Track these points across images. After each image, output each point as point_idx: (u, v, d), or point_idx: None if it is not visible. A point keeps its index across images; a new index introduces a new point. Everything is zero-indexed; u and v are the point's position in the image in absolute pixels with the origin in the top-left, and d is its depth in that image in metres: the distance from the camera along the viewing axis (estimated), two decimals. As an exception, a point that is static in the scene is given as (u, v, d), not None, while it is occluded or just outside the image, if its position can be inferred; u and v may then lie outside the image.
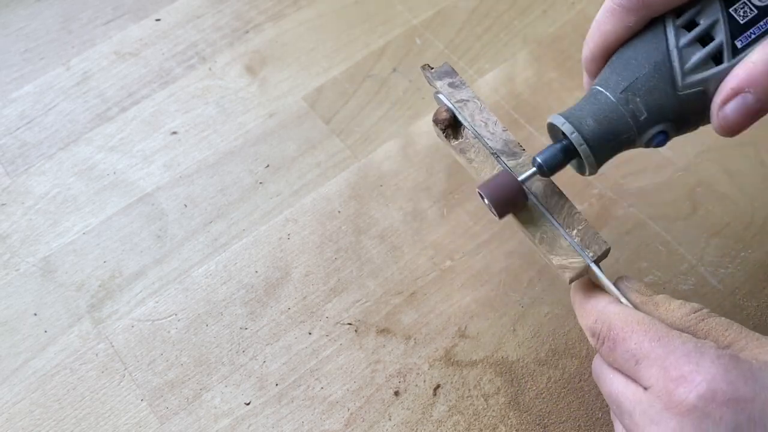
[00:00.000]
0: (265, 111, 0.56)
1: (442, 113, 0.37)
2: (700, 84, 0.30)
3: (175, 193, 0.52)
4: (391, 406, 0.43)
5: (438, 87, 0.38)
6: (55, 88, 0.58)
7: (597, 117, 0.31)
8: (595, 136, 0.31)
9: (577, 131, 0.31)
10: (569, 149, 0.32)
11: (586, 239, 0.34)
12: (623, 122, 0.31)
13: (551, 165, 0.32)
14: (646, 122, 0.31)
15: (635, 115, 0.30)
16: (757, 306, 0.45)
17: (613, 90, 0.31)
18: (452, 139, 0.37)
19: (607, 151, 0.32)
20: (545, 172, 0.33)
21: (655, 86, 0.30)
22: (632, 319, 0.30)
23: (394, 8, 0.61)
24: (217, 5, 0.62)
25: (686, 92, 0.30)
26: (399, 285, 0.47)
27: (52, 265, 0.49)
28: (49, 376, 0.44)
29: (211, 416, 0.43)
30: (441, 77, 0.38)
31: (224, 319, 0.46)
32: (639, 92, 0.30)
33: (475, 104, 0.37)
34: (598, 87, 0.32)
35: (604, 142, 0.31)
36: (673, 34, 0.30)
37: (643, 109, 0.30)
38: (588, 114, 0.31)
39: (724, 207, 0.49)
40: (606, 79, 0.32)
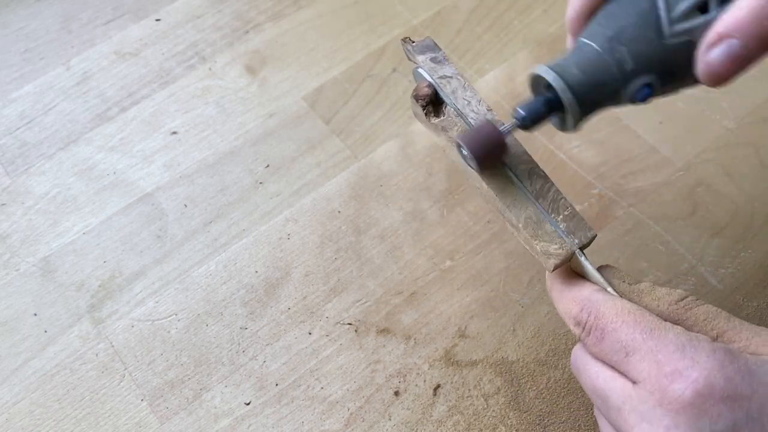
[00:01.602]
0: (265, 111, 0.56)
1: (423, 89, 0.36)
2: (686, 33, 0.29)
3: (175, 193, 0.52)
4: (391, 406, 0.43)
5: (419, 62, 0.36)
6: (55, 88, 0.58)
7: (582, 66, 0.30)
8: (580, 85, 0.30)
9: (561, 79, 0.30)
10: (552, 101, 0.31)
11: (572, 225, 0.33)
12: (609, 72, 0.30)
13: (533, 117, 0.31)
14: (632, 72, 0.30)
15: (621, 64, 0.30)
16: (757, 306, 0.45)
17: (598, 40, 0.30)
18: (432, 117, 0.36)
19: (591, 102, 0.31)
20: (527, 124, 0.32)
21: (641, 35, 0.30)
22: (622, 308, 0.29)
23: (394, 8, 0.61)
24: (217, 5, 0.62)
25: (672, 41, 0.30)
26: (399, 285, 0.47)
27: (52, 265, 0.49)
28: (49, 376, 0.44)
29: (211, 416, 0.43)
30: (423, 51, 0.36)
31: (224, 319, 0.46)
32: (625, 41, 0.30)
33: (459, 81, 0.35)
34: (584, 39, 0.31)
35: (588, 92, 0.31)
36: None
37: (629, 58, 0.30)
38: (573, 64, 0.31)
39: (724, 207, 0.49)
40: (591, 31, 0.31)
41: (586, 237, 0.32)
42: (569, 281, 0.32)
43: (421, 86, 0.36)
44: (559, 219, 0.33)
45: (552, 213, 0.33)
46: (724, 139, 0.52)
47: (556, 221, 0.33)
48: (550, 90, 0.31)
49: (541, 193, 0.33)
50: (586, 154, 0.52)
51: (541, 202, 0.33)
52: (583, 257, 0.32)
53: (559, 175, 0.51)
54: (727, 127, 0.53)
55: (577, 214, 0.33)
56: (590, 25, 0.32)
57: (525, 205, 0.33)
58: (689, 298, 0.29)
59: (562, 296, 0.32)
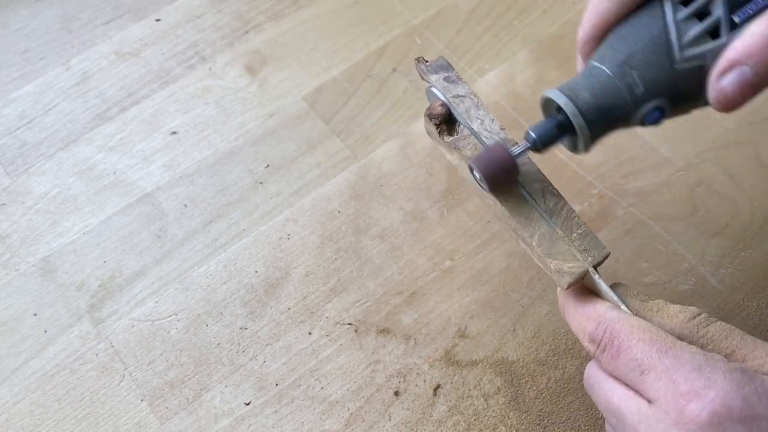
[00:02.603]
0: (265, 111, 0.56)
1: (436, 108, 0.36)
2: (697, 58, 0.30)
3: (175, 193, 0.52)
4: (391, 406, 0.43)
5: (433, 81, 0.37)
6: (55, 88, 0.58)
7: (593, 90, 0.31)
8: (591, 109, 0.31)
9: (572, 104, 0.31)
10: (563, 124, 0.31)
11: (585, 243, 0.33)
12: (619, 96, 0.30)
13: (545, 140, 0.32)
14: (643, 96, 0.30)
15: (631, 88, 0.30)
16: (757, 306, 0.45)
17: (609, 64, 0.31)
18: (446, 135, 0.36)
19: (602, 125, 0.31)
20: (538, 147, 0.32)
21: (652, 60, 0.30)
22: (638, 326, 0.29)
23: (394, 8, 0.61)
24: (217, 5, 0.62)
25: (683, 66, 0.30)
26: (399, 285, 0.47)
27: (52, 265, 0.49)
28: (49, 376, 0.44)
29: (211, 416, 0.43)
30: (436, 71, 0.37)
31: (224, 319, 0.46)
32: (636, 66, 0.30)
33: (472, 100, 0.36)
34: (595, 62, 0.31)
35: (599, 116, 0.31)
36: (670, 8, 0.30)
37: (640, 82, 0.30)
38: (583, 87, 0.31)
39: (724, 207, 0.49)
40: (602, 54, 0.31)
41: (599, 255, 0.33)
42: (583, 298, 0.33)
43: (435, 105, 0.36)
44: (572, 237, 0.33)
45: (566, 231, 0.33)
46: (724, 139, 0.52)
47: (570, 239, 0.33)
48: (561, 113, 0.31)
49: (554, 212, 0.34)
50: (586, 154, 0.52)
51: (555, 220, 0.33)
52: (597, 275, 0.32)
53: (559, 175, 0.51)
54: (727, 127, 0.53)
55: (591, 233, 0.33)
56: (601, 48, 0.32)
57: (539, 224, 0.33)
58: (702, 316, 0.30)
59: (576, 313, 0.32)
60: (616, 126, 0.32)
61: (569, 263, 0.32)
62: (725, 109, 0.29)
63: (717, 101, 0.29)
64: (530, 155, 0.34)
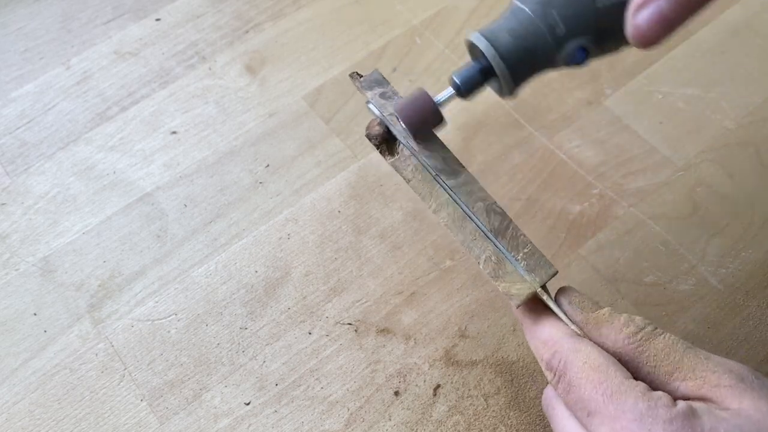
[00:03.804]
0: (265, 111, 0.56)
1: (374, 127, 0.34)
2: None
3: (175, 193, 0.52)
4: (391, 406, 0.43)
5: (368, 97, 0.35)
6: (55, 87, 0.58)
7: (514, 32, 0.30)
8: (512, 51, 0.30)
9: (493, 47, 0.30)
10: (487, 69, 0.31)
11: (532, 263, 0.32)
12: (540, 37, 0.30)
13: (468, 85, 0.31)
14: (564, 36, 0.30)
15: (552, 28, 0.30)
16: (757, 306, 0.45)
17: (530, 3, 0.30)
18: (387, 155, 0.34)
19: (525, 68, 0.31)
20: (462, 92, 0.31)
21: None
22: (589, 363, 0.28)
23: (394, 8, 0.61)
24: (217, 5, 0.62)
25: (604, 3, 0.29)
26: (399, 285, 0.47)
27: (52, 265, 0.49)
28: (49, 376, 0.44)
29: (211, 416, 0.43)
30: (371, 87, 0.35)
31: (224, 319, 0.46)
32: (556, 5, 0.30)
33: None
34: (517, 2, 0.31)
35: (521, 58, 0.30)
36: None
37: (560, 21, 0.30)
38: (504, 29, 0.30)
39: (724, 207, 0.49)
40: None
41: (546, 274, 0.32)
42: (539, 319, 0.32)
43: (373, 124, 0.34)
44: (519, 257, 0.32)
45: (512, 251, 0.32)
46: (724, 139, 0.52)
47: (516, 259, 0.32)
48: (484, 57, 0.31)
49: (500, 231, 0.33)
50: (586, 154, 0.52)
51: (501, 240, 0.32)
52: (545, 296, 0.32)
53: (558, 175, 0.51)
54: (727, 127, 0.53)
55: (537, 251, 0.32)
56: None
57: (485, 245, 0.32)
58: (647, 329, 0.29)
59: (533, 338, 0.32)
60: (540, 68, 0.31)
61: (517, 285, 0.32)
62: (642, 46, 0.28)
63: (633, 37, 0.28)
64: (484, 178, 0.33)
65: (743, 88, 0.54)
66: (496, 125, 0.54)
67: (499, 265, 0.32)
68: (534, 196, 0.50)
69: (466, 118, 0.54)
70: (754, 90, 0.54)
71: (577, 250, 0.48)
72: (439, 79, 0.56)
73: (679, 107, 0.54)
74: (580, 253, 0.47)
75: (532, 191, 0.50)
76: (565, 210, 0.49)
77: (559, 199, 0.50)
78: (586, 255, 0.47)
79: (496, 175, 0.51)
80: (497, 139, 0.53)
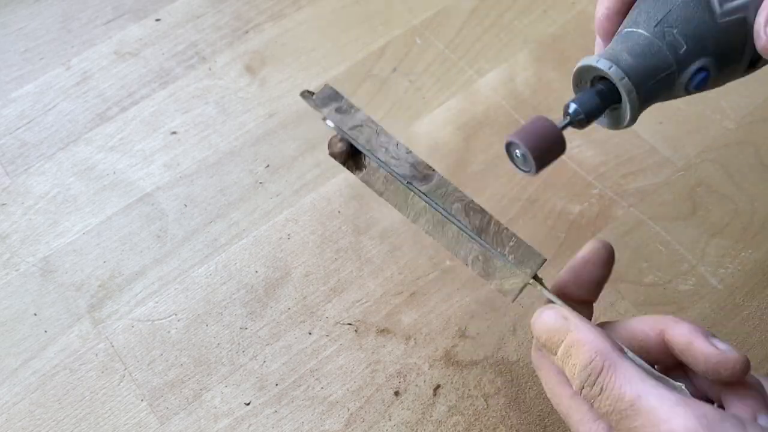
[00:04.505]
0: (265, 111, 0.56)
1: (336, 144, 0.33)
2: (739, 10, 0.28)
3: (175, 193, 0.52)
4: (391, 406, 0.43)
5: (324, 114, 0.34)
6: (55, 87, 0.58)
7: (633, 52, 0.28)
8: (635, 70, 0.28)
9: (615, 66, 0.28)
10: (605, 93, 0.29)
11: (519, 255, 0.31)
12: (662, 56, 0.28)
13: (589, 111, 0.29)
14: (687, 54, 0.28)
15: (674, 47, 0.28)
16: (757, 306, 0.45)
17: (645, 25, 0.29)
18: (355, 170, 0.33)
19: (648, 89, 0.29)
20: (582, 119, 0.29)
21: (692, 15, 0.28)
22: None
23: (394, 8, 0.61)
24: (217, 5, 0.62)
25: (726, 20, 0.28)
26: (399, 285, 0.47)
27: (52, 265, 0.49)
28: (49, 376, 0.44)
29: (211, 416, 0.43)
30: (326, 103, 0.34)
31: (224, 319, 0.46)
32: (675, 23, 0.28)
33: (371, 128, 0.33)
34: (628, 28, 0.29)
35: (644, 79, 0.28)
36: None
37: (682, 40, 0.28)
38: (623, 50, 0.29)
39: (724, 207, 0.49)
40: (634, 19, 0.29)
41: (536, 264, 0.31)
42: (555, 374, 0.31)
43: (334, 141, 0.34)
44: (506, 251, 0.32)
45: (498, 246, 0.32)
46: (724, 139, 0.52)
47: (503, 254, 0.32)
48: (601, 82, 0.29)
49: (482, 228, 0.32)
50: (586, 154, 0.52)
51: (484, 237, 0.32)
52: (539, 286, 0.31)
53: (558, 175, 0.51)
54: (727, 127, 0.53)
55: (523, 243, 0.32)
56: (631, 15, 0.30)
57: (469, 245, 0.32)
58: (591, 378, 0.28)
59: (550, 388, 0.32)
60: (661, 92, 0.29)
61: (509, 280, 0.31)
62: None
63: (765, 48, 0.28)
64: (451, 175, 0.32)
65: (743, 88, 0.54)
66: (496, 125, 0.54)
67: (487, 263, 0.32)
68: (534, 196, 0.50)
69: (466, 118, 0.54)
70: (754, 90, 0.54)
71: (576, 251, 0.48)
72: (439, 79, 0.56)
73: (679, 107, 0.54)
74: (580, 253, 0.47)
75: (532, 191, 0.50)
76: (565, 210, 0.49)
77: (559, 199, 0.50)
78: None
79: (496, 175, 0.51)
80: (497, 139, 0.53)
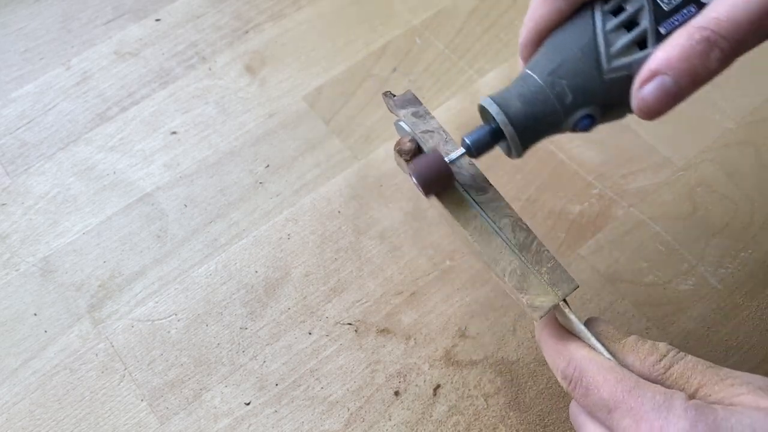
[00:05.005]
0: (265, 111, 0.56)
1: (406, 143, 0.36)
2: (624, 68, 0.30)
3: (175, 193, 0.52)
4: (391, 406, 0.43)
5: (401, 116, 0.37)
6: (55, 87, 0.58)
7: (524, 99, 0.31)
8: (521, 118, 0.31)
9: (503, 113, 0.31)
10: (496, 131, 0.32)
11: (555, 277, 0.33)
12: (549, 104, 0.31)
13: (479, 146, 0.33)
14: (572, 105, 0.31)
15: (561, 97, 0.31)
16: (757, 306, 0.45)
17: (540, 72, 0.31)
18: None
19: (532, 133, 0.32)
20: (473, 153, 0.33)
21: (581, 69, 0.31)
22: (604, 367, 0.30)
23: (394, 8, 0.61)
24: (217, 5, 0.62)
25: (611, 76, 0.30)
26: (399, 285, 0.47)
27: (52, 265, 0.49)
28: (49, 376, 0.44)
29: (211, 416, 0.43)
30: (404, 106, 0.37)
31: (224, 319, 0.46)
32: (565, 75, 0.31)
33: (441, 135, 0.36)
34: (528, 70, 0.32)
35: (529, 124, 0.31)
36: (600, 18, 0.31)
37: (569, 92, 0.31)
38: (515, 96, 0.32)
39: (724, 207, 0.49)
40: (536, 62, 0.32)
41: (569, 288, 0.33)
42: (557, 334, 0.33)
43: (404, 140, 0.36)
44: (542, 271, 0.33)
45: (536, 265, 0.34)
46: (724, 139, 0.52)
47: (539, 273, 0.33)
48: (495, 120, 0.32)
49: (525, 246, 0.34)
50: (586, 154, 0.52)
51: (525, 254, 0.34)
52: (567, 309, 0.33)
53: (559, 175, 0.51)
54: (727, 127, 0.53)
55: (560, 266, 0.34)
56: (536, 55, 0.32)
57: (510, 258, 0.34)
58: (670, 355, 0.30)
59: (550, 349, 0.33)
60: (547, 132, 0.32)
61: (541, 297, 0.33)
62: (647, 117, 0.30)
63: (639, 109, 0.29)
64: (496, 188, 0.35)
65: (743, 88, 0.54)
66: (496, 125, 0.54)
67: (523, 278, 0.33)
68: (534, 196, 0.50)
69: (466, 118, 0.54)
70: (754, 90, 0.54)
71: (576, 250, 0.48)
72: (439, 79, 0.56)
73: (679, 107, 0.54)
74: (579, 253, 0.47)
75: (532, 191, 0.50)
76: (565, 210, 0.49)
77: (559, 199, 0.50)
78: (586, 255, 0.47)
79: (496, 175, 0.51)
80: (497, 139, 0.53)
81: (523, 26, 0.33)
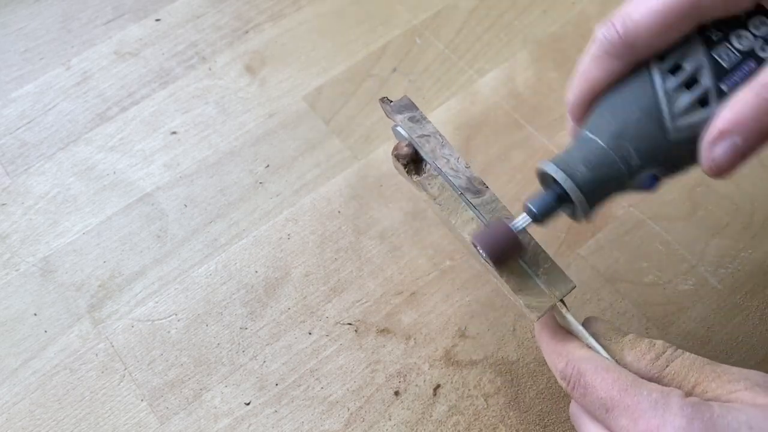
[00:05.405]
0: (265, 111, 0.56)
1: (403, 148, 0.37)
2: (689, 128, 0.30)
3: (175, 193, 0.52)
4: (391, 406, 0.43)
5: (398, 121, 0.37)
6: (55, 87, 0.58)
7: (589, 164, 0.31)
8: (588, 182, 0.31)
9: (570, 179, 0.31)
10: (561, 196, 0.32)
11: (552, 278, 0.33)
12: (615, 168, 0.31)
13: (545, 212, 0.32)
14: (638, 167, 0.31)
15: (627, 160, 0.31)
16: (757, 306, 0.45)
17: (603, 136, 0.31)
18: (414, 175, 0.37)
19: (599, 197, 0.32)
20: (539, 219, 0.33)
21: (645, 131, 0.30)
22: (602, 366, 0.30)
23: (394, 8, 0.61)
24: (217, 5, 0.62)
25: (676, 136, 0.30)
26: (399, 285, 0.47)
27: (52, 265, 0.49)
28: (49, 376, 0.44)
29: (211, 416, 0.43)
30: (401, 111, 0.37)
31: (224, 319, 0.46)
32: (630, 138, 0.30)
33: (437, 140, 0.36)
34: (588, 133, 0.32)
35: (596, 189, 0.31)
36: (659, 78, 0.30)
37: (635, 154, 0.30)
38: (579, 160, 0.31)
39: (724, 207, 0.49)
40: (595, 124, 0.32)
41: (566, 288, 0.33)
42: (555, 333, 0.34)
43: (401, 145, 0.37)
44: (539, 272, 0.34)
45: (533, 266, 0.34)
46: (724, 139, 0.52)
47: (537, 274, 0.34)
48: (558, 185, 0.31)
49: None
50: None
51: (522, 255, 0.34)
52: (564, 309, 0.33)
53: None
54: (727, 127, 0.53)
55: (557, 267, 0.34)
56: (593, 116, 0.32)
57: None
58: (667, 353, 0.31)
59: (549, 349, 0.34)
60: (612, 194, 0.32)
61: (538, 298, 0.33)
62: (718, 177, 0.30)
63: (710, 169, 0.29)
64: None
65: (743, 88, 0.54)
66: (496, 125, 0.54)
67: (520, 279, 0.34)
68: (534, 196, 0.50)
69: (466, 118, 0.54)
70: (754, 90, 0.54)
71: (576, 250, 0.48)
72: (439, 79, 0.56)
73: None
74: (579, 253, 0.47)
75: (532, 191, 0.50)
76: (565, 210, 0.49)
77: (559, 199, 0.50)
78: (586, 255, 0.47)
79: (496, 176, 0.51)
80: (497, 139, 0.53)
81: (574, 86, 0.33)
